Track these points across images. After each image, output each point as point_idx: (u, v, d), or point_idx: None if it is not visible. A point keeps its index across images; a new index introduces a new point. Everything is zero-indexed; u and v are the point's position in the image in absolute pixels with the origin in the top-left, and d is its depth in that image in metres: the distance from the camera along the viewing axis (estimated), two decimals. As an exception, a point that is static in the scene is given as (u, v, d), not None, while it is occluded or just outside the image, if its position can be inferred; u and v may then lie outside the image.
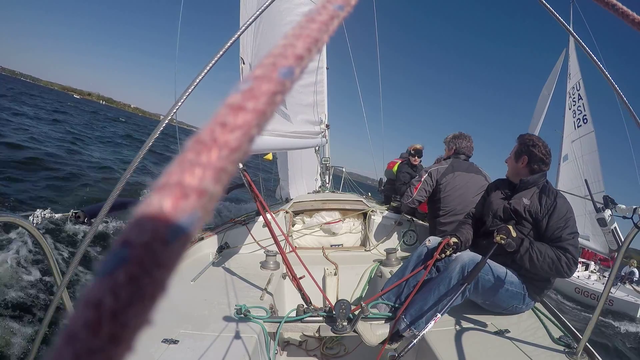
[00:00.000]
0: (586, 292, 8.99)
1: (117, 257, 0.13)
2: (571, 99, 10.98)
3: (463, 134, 2.90)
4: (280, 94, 0.17)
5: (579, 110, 10.68)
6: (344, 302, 1.62)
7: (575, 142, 10.66)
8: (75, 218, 1.45)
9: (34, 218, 1.23)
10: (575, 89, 10.86)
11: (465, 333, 1.63)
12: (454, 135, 2.91)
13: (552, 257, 1.66)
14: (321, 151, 5.87)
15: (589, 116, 10.47)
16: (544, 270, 1.68)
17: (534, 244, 1.70)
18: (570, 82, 11.13)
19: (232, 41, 0.97)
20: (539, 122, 11.98)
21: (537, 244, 1.71)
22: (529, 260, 1.68)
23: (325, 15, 0.20)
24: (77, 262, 1.01)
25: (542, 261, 1.66)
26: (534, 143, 1.89)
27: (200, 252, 2.50)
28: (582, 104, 10.63)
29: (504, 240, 1.69)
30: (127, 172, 0.94)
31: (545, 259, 1.66)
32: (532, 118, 12.48)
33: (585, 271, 10.39)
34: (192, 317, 1.61)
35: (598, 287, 8.88)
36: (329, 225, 3.01)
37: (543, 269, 1.67)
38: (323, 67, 5.06)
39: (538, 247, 1.69)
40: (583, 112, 10.57)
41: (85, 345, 0.12)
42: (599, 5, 0.57)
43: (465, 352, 1.48)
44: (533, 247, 1.68)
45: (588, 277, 9.99)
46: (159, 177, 0.15)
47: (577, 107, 10.72)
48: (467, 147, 2.84)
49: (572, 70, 11.11)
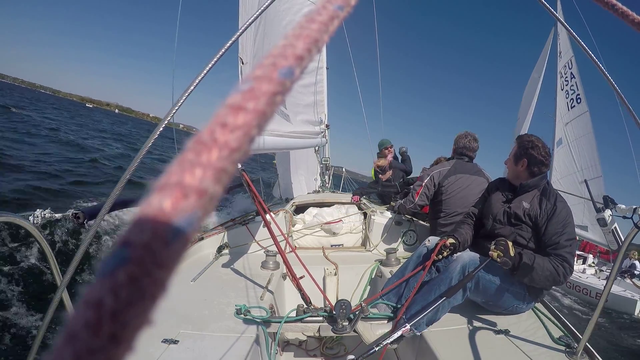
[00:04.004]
0: (578, 287, 8.50)
1: (117, 257, 0.13)
2: (563, 79, 10.26)
3: (468, 134, 2.83)
4: (280, 94, 0.17)
5: (572, 90, 9.97)
6: (344, 302, 1.62)
7: (569, 124, 9.97)
8: (74, 218, 1.45)
9: (34, 218, 1.23)
10: (567, 68, 10.14)
11: (465, 333, 1.63)
12: (459, 135, 2.87)
13: (550, 270, 1.64)
14: (321, 151, 5.88)
15: (582, 95, 9.78)
16: (542, 283, 1.68)
17: (532, 260, 1.65)
18: (561, 61, 10.40)
19: (232, 41, 0.97)
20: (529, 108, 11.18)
21: (536, 258, 1.67)
22: (528, 277, 1.66)
23: (325, 15, 0.20)
24: (77, 262, 1.01)
25: (541, 275, 1.64)
26: (533, 145, 1.87)
27: (200, 252, 2.50)
28: (575, 82, 9.92)
29: (500, 258, 1.64)
30: (127, 172, 0.94)
31: (544, 272, 1.64)
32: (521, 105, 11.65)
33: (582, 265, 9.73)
34: (192, 317, 1.61)
35: (592, 282, 8.41)
36: (329, 225, 3.01)
37: (541, 281, 1.66)
38: (323, 67, 5.06)
39: (537, 262, 1.65)
40: (576, 92, 9.87)
41: (85, 345, 0.13)
42: (598, 5, 0.57)
43: (466, 352, 1.48)
44: (532, 264, 1.64)
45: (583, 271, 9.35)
46: (159, 177, 0.15)
47: (570, 86, 10.01)
48: (467, 146, 2.80)
49: (563, 48, 10.35)
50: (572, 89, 10.03)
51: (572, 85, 10.03)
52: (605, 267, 9.68)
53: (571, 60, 10.13)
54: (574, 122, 9.94)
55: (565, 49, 10.32)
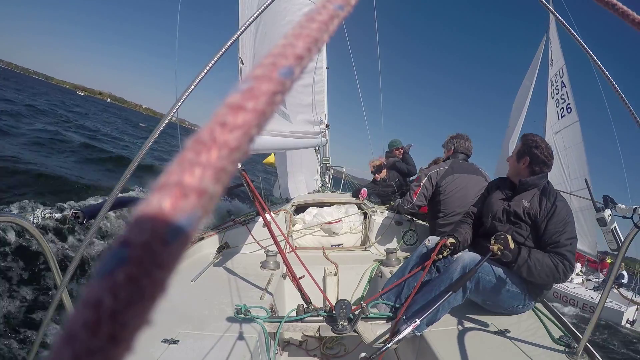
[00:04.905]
0: (565, 297, 8.22)
1: (116, 257, 0.13)
2: (554, 87, 10.13)
3: (461, 134, 2.89)
4: (280, 93, 0.17)
5: (562, 99, 9.86)
6: (344, 302, 1.62)
7: (559, 133, 9.84)
8: (74, 218, 1.45)
9: (34, 218, 1.23)
10: (558, 76, 10.01)
11: (465, 333, 1.63)
12: (452, 137, 2.90)
13: (549, 265, 1.65)
14: (321, 151, 5.87)
15: (572, 105, 9.68)
16: (541, 279, 1.68)
17: (532, 253, 1.68)
18: (552, 69, 10.24)
19: (232, 41, 0.97)
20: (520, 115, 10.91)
21: (535, 252, 1.69)
22: (527, 271, 1.67)
23: (325, 15, 0.20)
24: (77, 262, 1.01)
25: (540, 270, 1.65)
26: (537, 144, 1.89)
27: (200, 252, 2.50)
28: (565, 91, 9.81)
29: (501, 251, 1.67)
30: (127, 171, 0.94)
31: (543, 267, 1.65)
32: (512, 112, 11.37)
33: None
34: (192, 317, 1.61)
35: (579, 292, 8.16)
36: (329, 225, 3.01)
37: (540, 277, 1.67)
38: (323, 67, 5.06)
39: (535, 256, 1.67)
40: (567, 101, 9.76)
41: (84, 346, 0.12)
42: (599, 5, 0.57)
43: (465, 352, 1.48)
44: (531, 257, 1.66)
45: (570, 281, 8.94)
46: (158, 176, 0.15)
47: (561, 95, 9.90)
48: (466, 146, 2.83)
49: (555, 55, 10.21)
50: (563, 97, 9.94)
51: (563, 94, 9.93)
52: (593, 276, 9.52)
53: (562, 69, 10.03)
54: (564, 131, 9.85)
55: (557, 56, 10.21)
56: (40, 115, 16.54)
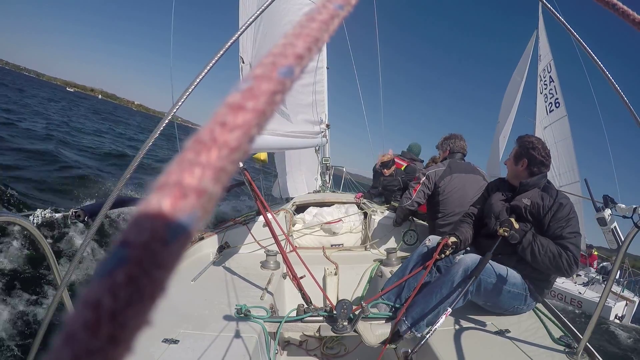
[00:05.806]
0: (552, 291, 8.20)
1: (116, 257, 0.13)
2: (542, 82, 10.16)
3: (454, 134, 2.90)
4: (280, 93, 0.17)
5: (551, 94, 9.90)
6: (345, 302, 1.62)
7: (548, 128, 9.88)
8: (75, 217, 1.45)
9: (34, 217, 1.23)
10: (547, 71, 10.05)
11: (466, 333, 1.63)
12: (446, 137, 2.91)
13: (553, 251, 1.66)
14: (321, 151, 5.87)
15: (561, 100, 9.71)
16: (545, 265, 1.68)
17: (536, 236, 1.73)
18: (540, 64, 10.27)
19: (233, 40, 0.97)
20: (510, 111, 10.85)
21: (540, 237, 1.73)
22: (531, 253, 1.69)
23: (326, 14, 0.20)
24: (77, 262, 1.01)
25: (544, 254, 1.67)
26: (533, 146, 1.89)
27: (200, 252, 2.50)
28: (553, 87, 9.86)
29: (507, 232, 1.72)
30: (128, 171, 0.94)
31: (547, 252, 1.67)
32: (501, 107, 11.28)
33: None
34: (192, 317, 1.61)
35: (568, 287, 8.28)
36: (329, 225, 3.01)
37: (544, 263, 1.67)
38: (323, 67, 5.05)
39: (540, 240, 1.71)
40: (555, 96, 9.80)
41: (84, 346, 0.12)
42: (599, 4, 0.57)
43: (466, 352, 1.48)
44: (536, 240, 1.71)
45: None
46: (158, 176, 0.15)
47: (549, 90, 9.95)
48: (461, 145, 2.84)
49: (543, 51, 10.23)
50: (551, 92, 9.95)
51: (551, 89, 9.94)
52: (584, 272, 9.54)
53: (550, 64, 10.03)
54: (553, 126, 9.86)
55: (545, 52, 10.20)
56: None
